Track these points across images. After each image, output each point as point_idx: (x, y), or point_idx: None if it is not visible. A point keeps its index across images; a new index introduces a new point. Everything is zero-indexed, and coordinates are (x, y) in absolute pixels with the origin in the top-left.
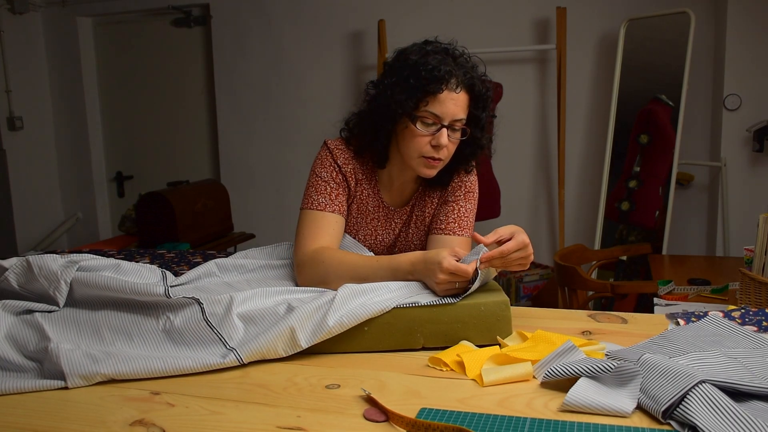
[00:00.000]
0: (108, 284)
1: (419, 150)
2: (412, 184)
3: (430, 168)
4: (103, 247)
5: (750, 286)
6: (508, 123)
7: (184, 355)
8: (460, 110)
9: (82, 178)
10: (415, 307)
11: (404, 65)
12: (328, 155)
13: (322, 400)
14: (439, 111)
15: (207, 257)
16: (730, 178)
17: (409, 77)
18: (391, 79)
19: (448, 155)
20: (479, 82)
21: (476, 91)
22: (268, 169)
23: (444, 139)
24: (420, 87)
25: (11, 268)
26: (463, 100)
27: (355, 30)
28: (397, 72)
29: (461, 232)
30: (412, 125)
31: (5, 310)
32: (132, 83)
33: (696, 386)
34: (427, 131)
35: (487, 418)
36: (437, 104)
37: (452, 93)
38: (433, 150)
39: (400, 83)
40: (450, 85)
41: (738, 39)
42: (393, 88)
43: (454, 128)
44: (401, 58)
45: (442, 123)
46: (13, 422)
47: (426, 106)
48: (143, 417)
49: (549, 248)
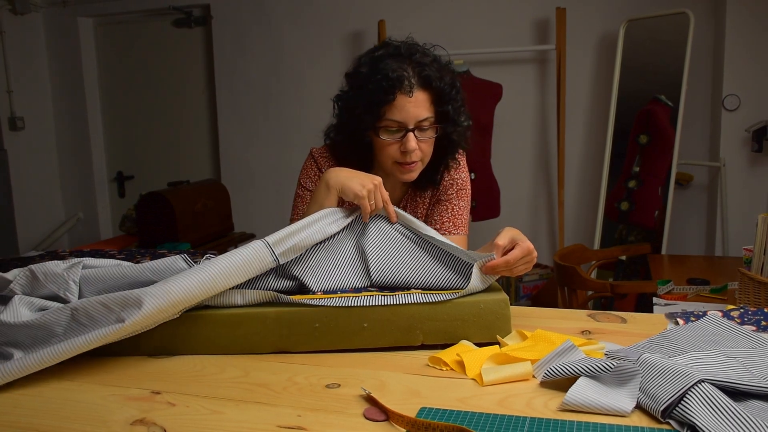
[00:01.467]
0: (122, 273)
1: (391, 157)
2: (403, 186)
3: (407, 173)
4: (104, 247)
5: (749, 285)
6: (508, 123)
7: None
8: (422, 110)
9: (83, 178)
10: (414, 305)
11: (357, 78)
12: (313, 164)
13: (322, 399)
14: (399, 117)
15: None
16: (729, 179)
17: (363, 92)
18: (349, 95)
19: (424, 155)
20: (437, 76)
21: (434, 86)
22: (268, 169)
23: (411, 143)
24: (373, 100)
25: (15, 280)
26: (421, 99)
27: (355, 30)
28: (353, 88)
29: (457, 231)
30: (377, 137)
31: (23, 304)
32: (133, 83)
33: (695, 386)
34: (393, 138)
35: (487, 418)
36: (395, 111)
37: (406, 96)
38: (404, 155)
39: (357, 99)
40: (403, 89)
41: (737, 39)
42: (350, 105)
43: (423, 128)
44: (355, 70)
45: (406, 128)
46: (14, 422)
47: (385, 115)
48: (144, 416)
49: (549, 248)
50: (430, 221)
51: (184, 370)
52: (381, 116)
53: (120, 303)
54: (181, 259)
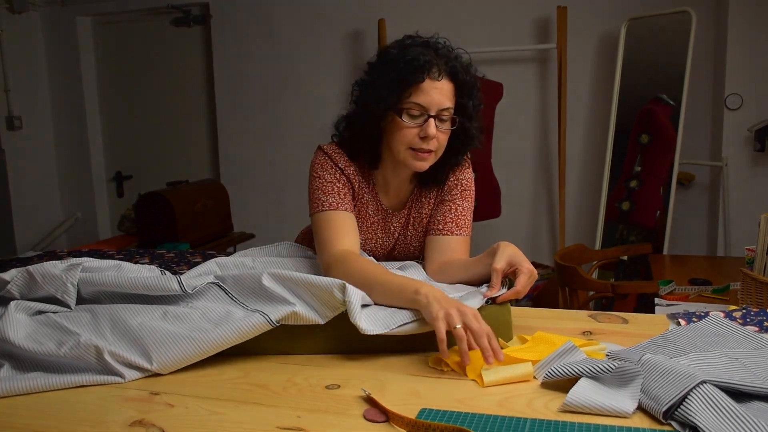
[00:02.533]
0: (117, 282)
1: (408, 142)
2: (408, 185)
3: (421, 161)
4: (103, 247)
5: (751, 286)
6: (508, 123)
7: (223, 328)
8: (446, 99)
9: (82, 177)
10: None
11: (385, 61)
12: (326, 159)
13: (322, 400)
14: (424, 101)
15: (207, 257)
16: (731, 178)
17: (390, 71)
18: (374, 77)
19: (439, 147)
20: (462, 69)
21: (459, 78)
22: (268, 169)
23: (432, 129)
24: (401, 79)
25: (12, 281)
26: (447, 88)
27: (355, 30)
28: (378, 69)
29: (459, 232)
30: (398, 118)
31: (19, 310)
32: (131, 83)
33: (697, 387)
34: (414, 123)
35: (488, 419)
36: (421, 94)
37: (435, 82)
38: (422, 141)
39: (383, 79)
40: (432, 74)
41: (739, 38)
42: (376, 85)
43: (442, 118)
44: (382, 55)
45: (428, 113)
46: (14, 422)
47: (410, 98)
48: (143, 417)
49: (549, 248)
50: (432, 221)
51: (183, 370)
52: (407, 97)
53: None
54: (175, 281)
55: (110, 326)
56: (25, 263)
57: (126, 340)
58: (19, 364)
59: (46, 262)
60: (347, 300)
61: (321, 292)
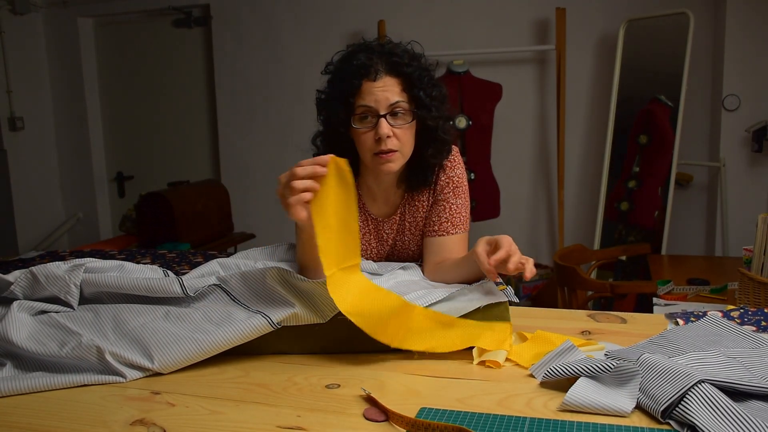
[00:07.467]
0: (120, 284)
1: (369, 148)
2: (397, 191)
3: (386, 162)
4: (104, 247)
5: (749, 286)
6: (507, 123)
7: (225, 329)
8: (391, 94)
9: (83, 178)
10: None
11: (330, 75)
12: None
13: (322, 399)
14: (368, 101)
15: (207, 257)
16: (729, 179)
17: (335, 84)
18: (326, 92)
19: (403, 144)
20: (405, 62)
21: (404, 71)
22: (268, 169)
23: (384, 128)
24: (343, 89)
25: (16, 282)
26: (390, 84)
27: (355, 30)
28: (328, 84)
29: (455, 231)
30: (353, 127)
31: (22, 310)
32: (132, 83)
33: (695, 386)
34: (367, 127)
35: (487, 418)
36: (363, 96)
37: (372, 82)
38: (378, 143)
39: (331, 93)
40: (369, 75)
41: (737, 39)
42: (328, 99)
43: (395, 113)
44: (326, 70)
45: (378, 114)
46: (14, 422)
47: (356, 103)
48: (144, 417)
49: (548, 248)
50: (428, 223)
51: (183, 370)
52: (352, 105)
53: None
54: (178, 284)
55: (112, 326)
56: (27, 263)
57: (128, 340)
58: (22, 364)
59: (49, 263)
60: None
61: (322, 291)
